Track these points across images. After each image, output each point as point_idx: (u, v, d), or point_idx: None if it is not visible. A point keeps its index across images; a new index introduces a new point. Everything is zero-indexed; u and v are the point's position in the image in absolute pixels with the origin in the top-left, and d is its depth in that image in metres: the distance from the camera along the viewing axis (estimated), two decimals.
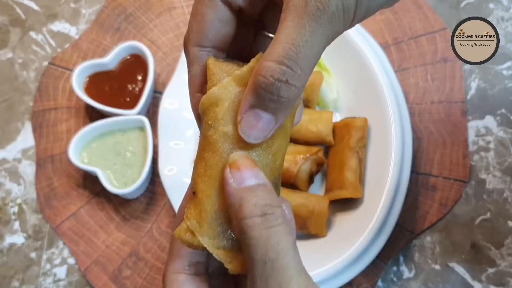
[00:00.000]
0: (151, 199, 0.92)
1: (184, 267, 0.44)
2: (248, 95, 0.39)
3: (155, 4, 1.02)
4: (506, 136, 0.89)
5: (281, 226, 0.38)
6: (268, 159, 0.41)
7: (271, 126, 0.39)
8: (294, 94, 0.37)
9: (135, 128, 0.92)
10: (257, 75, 0.37)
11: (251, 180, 0.39)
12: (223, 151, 0.40)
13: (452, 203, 0.88)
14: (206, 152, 0.40)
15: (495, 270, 0.85)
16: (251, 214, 0.38)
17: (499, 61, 0.93)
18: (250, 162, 0.40)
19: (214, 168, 0.40)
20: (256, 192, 0.39)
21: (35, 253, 0.91)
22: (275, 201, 0.39)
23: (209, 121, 0.40)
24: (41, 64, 1.00)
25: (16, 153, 0.95)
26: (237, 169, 0.39)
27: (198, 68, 0.43)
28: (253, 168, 0.39)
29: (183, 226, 0.40)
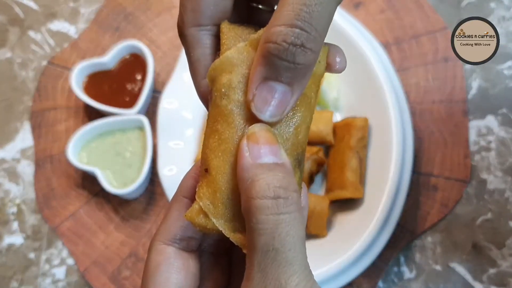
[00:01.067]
0: (150, 199, 0.92)
1: (175, 240, 0.40)
2: (258, 67, 0.35)
3: (155, 4, 1.01)
4: (507, 136, 0.89)
5: (294, 214, 0.34)
6: (289, 133, 0.37)
7: (288, 99, 0.35)
8: (311, 59, 0.34)
9: (135, 128, 0.91)
10: (267, 42, 0.33)
11: (269, 157, 0.35)
12: (239, 123, 0.36)
13: (453, 203, 0.87)
14: (220, 123, 0.36)
15: (496, 270, 0.84)
16: (262, 194, 0.34)
17: (500, 60, 0.92)
18: (271, 136, 0.35)
19: (229, 142, 0.36)
20: (273, 171, 0.35)
21: (34, 253, 0.91)
22: (291, 185, 0.35)
23: (222, 89, 0.36)
24: (40, 64, 0.99)
25: (15, 153, 0.95)
26: (255, 142, 0.35)
27: (201, 50, 0.39)
28: (273, 144, 0.35)
29: (195, 207, 0.37)
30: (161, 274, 0.39)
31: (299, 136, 0.38)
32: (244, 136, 0.36)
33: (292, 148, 0.37)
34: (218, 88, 0.37)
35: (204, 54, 0.39)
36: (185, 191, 0.40)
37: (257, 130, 0.35)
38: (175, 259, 0.39)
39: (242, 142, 0.35)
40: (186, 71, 0.91)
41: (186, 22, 0.38)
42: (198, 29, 0.38)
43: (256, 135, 0.35)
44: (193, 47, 0.39)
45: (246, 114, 0.36)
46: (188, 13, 0.38)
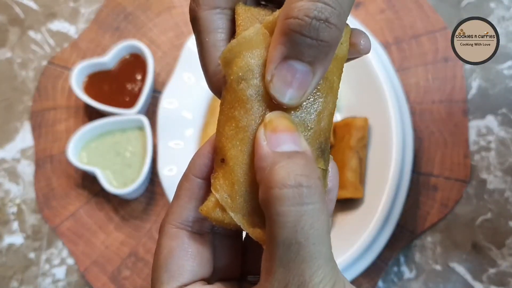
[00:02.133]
0: (150, 199, 0.92)
1: (188, 222, 0.37)
2: (277, 45, 0.32)
3: (155, 4, 1.01)
4: (507, 136, 0.89)
5: (318, 205, 0.31)
6: (311, 120, 0.35)
7: (309, 80, 0.33)
8: (335, 36, 0.31)
9: (135, 128, 0.91)
10: (288, 18, 0.31)
11: (289, 145, 0.32)
12: (259, 109, 0.34)
13: (453, 203, 0.87)
14: (237, 110, 0.34)
15: (496, 270, 0.84)
16: (282, 182, 0.31)
17: (500, 60, 0.92)
18: (290, 124, 0.33)
19: (248, 130, 0.34)
20: (293, 159, 0.32)
21: (34, 253, 0.91)
22: (314, 173, 0.32)
23: (239, 73, 0.34)
24: (40, 64, 0.99)
25: (15, 153, 0.95)
26: (273, 130, 0.32)
27: (217, 35, 0.36)
28: (293, 132, 0.33)
29: (211, 200, 0.35)
30: (175, 261, 0.37)
31: (321, 123, 0.35)
32: (261, 125, 0.33)
33: (314, 136, 0.35)
34: (235, 72, 0.34)
35: (220, 39, 0.36)
36: (197, 170, 0.38)
37: (274, 118, 0.33)
38: (189, 244, 0.37)
39: (259, 130, 0.33)
40: (186, 71, 0.92)
41: (201, 4, 0.35)
42: (214, 11, 0.36)
43: (274, 123, 0.33)
44: (208, 32, 0.36)
45: (266, 99, 0.34)
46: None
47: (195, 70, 0.92)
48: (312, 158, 0.33)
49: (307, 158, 0.32)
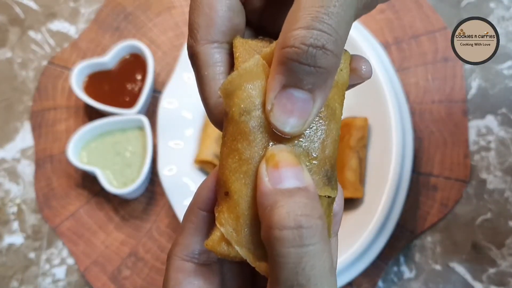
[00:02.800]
0: (150, 199, 0.92)
1: (194, 255, 0.37)
2: (275, 75, 0.32)
3: (155, 4, 1.01)
4: (507, 136, 0.89)
5: (319, 245, 0.30)
6: (314, 148, 0.34)
7: (309, 107, 0.32)
8: (333, 63, 0.31)
9: (135, 128, 0.91)
10: (284, 47, 0.31)
11: (290, 181, 0.32)
12: (262, 141, 0.33)
13: (453, 203, 0.87)
14: (239, 142, 0.33)
15: (496, 270, 0.84)
16: (282, 223, 0.30)
17: (500, 60, 0.92)
18: (291, 158, 0.33)
19: (251, 163, 0.33)
20: (294, 197, 0.31)
21: (34, 253, 0.91)
22: (316, 211, 0.31)
23: (241, 104, 0.33)
24: (40, 64, 0.99)
25: (15, 153, 0.95)
26: (274, 166, 0.32)
27: (216, 69, 0.36)
28: (295, 166, 0.32)
29: (217, 234, 0.34)
30: (182, 281, 0.37)
31: (325, 150, 0.34)
32: (263, 159, 0.33)
33: (319, 164, 0.34)
34: (236, 103, 0.34)
35: (219, 73, 0.36)
36: (201, 203, 0.37)
37: (276, 152, 0.33)
38: (195, 277, 0.37)
39: (261, 165, 0.33)
40: (186, 71, 0.92)
41: (199, 40, 0.36)
42: (212, 46, 0.36)
43: (276, 158, 0.32)
44: (207, 66, 0.36)
45: (269, 130, 0.33)
46: (202, 29, 0.36)
47: None
48: (315, 193, 0.33)
49: (308, 195, 0.32)
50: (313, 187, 0.33)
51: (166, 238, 0.90)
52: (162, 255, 0.89)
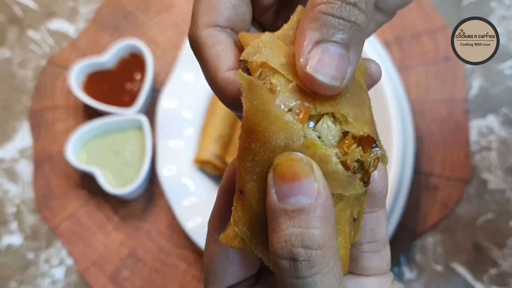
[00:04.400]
0: (150, 199, 0.92)
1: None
2: (307, 31, 0.30)
3: (154, 3, 1.01)
4: (508, 135, 0.89)
5: (317, 276, 0.29)
6: (356, 112, 0.33)
7: (346, 64, 0.31)
8: (365, 22, 0.31)
9: (134, 128, 0.91)
10: (317, 4, 0.30)
11: (295, 198, 0.29)
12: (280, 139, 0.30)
13: (453, 203, 0.87)
14: (253, 142, 0.31)
15: (497, 270, 0.84)
16: (279, 253, 0.29)
17: (500, 60, 0.92)
18: (298, 170, 0.30)
19: (266, 165, 0.31)
20: (295, 221, 0.29)
21: (33, 253, 0.90)
22: (317, 239, 0.29)
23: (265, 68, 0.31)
24: (39, 63, 0.99)
25: (14, 153, 0.95)
26: (280, 178, 0.30)
27: (221, 47, 0.34)
28: (301, 181, 0.29)
29: (231, 232, 0.33)
30: (218, 265, 0.36)
31: (365, 114, 0.33)
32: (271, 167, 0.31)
33: (367, 122, 0.33)
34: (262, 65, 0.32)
35: (224, 50, 0.34)
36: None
37: (283, 160, 0.30)
38: (230, 250, 0.36)
39: (269, 173, 0.30)
40: (185, 71, 0.91)
41: (199, 25, 0.35)
42: (214, 29, 0.35)
43: (282, 168, 0.30)
44: (209, 46, 0.35)
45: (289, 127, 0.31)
46: (203, 16, 0.35)
47: (195, 70, 0.91)
48: (324, 207, 0.30)
49: (312, 217, 0.29)
50: (324, 199, 0.30)
51: (166, 238, 0.90)
52: (162, 256, 0.89)
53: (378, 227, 0.37)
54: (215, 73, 0.34)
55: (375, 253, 0.37)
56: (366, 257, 0.37)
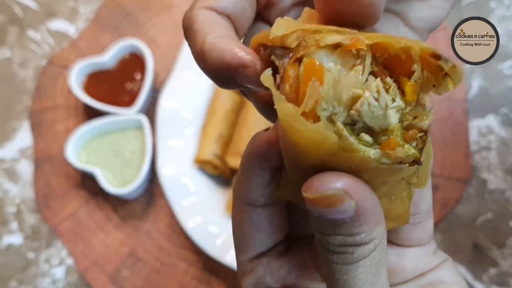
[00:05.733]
0: (150, 199, 0.92)
1: (254, 201, 0.35)
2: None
3: (154, 3, 1.01)
4: (507, 135, 0.89)
5: (361, 264, 0.30)
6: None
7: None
8: None
9: (134, 128, 0.91)
10: None
11: (331, 216, 0.29)
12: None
13: (453, 203, 0.87)
14: (287, 147, 0.30)
15: (496, 270, 0.84)
16: (323, 246, 0.30)
17: (500, 60, 0.92)
18: (334, 201, 0.29)
19: (302, 167, 0.30)
20: (335, 230, 0.29)
21: (34, 253, 0.90)
22: (360, 240, 0.30)
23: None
24: (39, 63, 0.99)
25: (15, 153, 0.95)
26: (315, 205, 0.29)
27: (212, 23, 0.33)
28: (338, 207, 0.29)
29: (283, 189, 0.34)
30: (245, 233, 0.36)
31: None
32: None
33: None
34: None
35: (217, 24, 0.33)
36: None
37: (315, 195, 0.29)
38: (256, 219, 0.36)
39: (302, 192, 0.29)
40: (185, 70, 0.91)
41: (196, 6, 0.34)
42: (211, 11, 0.33)
43: (314, 199, 0.29)
44: (202, 21, 0.33)
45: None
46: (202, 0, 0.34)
47: (195, 69, 0.91)
48: (364, 215, 0.29)
49: (349, 227, 0.29)
50: (364, 208, 0.29)
51: (166, 238, 0.90)
52: (162, 255, 0.89)
53: (421, 200, 0.36)
54: (202, 42, 0.33)
55: (416, 225, 0.37)
56: (408, 229, 0.37)
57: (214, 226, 0.85)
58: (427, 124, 0.30)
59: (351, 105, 0.28)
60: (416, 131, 0.30)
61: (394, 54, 0.29)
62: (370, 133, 0.29)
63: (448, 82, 0.30)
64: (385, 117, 0.29)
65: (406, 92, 0.30)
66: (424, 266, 0.38)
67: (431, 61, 0.30)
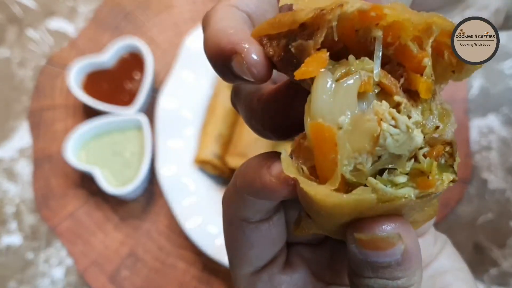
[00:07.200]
0: (150, 199, 0.91)
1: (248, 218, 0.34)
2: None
3: (154, 3, 1.01)
4: (508, 135, 0.89)
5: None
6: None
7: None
8: None
9: (134, 128, 0.91)
10: None
11: (378, 259, 0.29)
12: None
13: (454, 203, 0.87)
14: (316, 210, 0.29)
15: (497, 270, 0.84)
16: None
17: (501, 60, 0.92)
18: (385, 245, 0.29)
19: (334, 224, 0.30)
20: (377, 273, 0.29)
21: (33, 253, 0.90)
22: (400, 285, 0.29)
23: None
24: (38, 63, 0.99)
25: (14, 153, 0.95)
26: (364, 247, 0.29)
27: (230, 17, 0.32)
28: (388, 250, 0.29)
29: (304, 227, 0.33)
30: (238, 249, 0.35)
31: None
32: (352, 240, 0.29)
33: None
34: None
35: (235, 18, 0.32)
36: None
37: (364, 237, 0.29)
38: (249, 235, 0.34)
39: (348, 232, 0.29)
40: (184, 70, 0.91)
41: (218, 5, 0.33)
42: (231, 7, 0.32)
43: (365, 242, 0.29)
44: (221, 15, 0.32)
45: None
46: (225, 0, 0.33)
47: (194, 69, 0.91)
48: (410, 261, 0.29)
49: (393, 271, 0.29)
50: (410, 253, 0.29)
51: (165, 238, 0.89)
52: (161, 255, 0.89)
53: None
54: (211, 29, 0.32)
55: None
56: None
57: (214, 227, 0.85)
58: (450, 134, 0.29)
59: (373, 144, 0.27)
60: (441, 146, 0.29)
61: (404, 45, 0.28)
62: (396, 162, 0.28)
63: (465, 67, 0.29)
64: (411, 139, 0.28)
65: (420, 90, 0.29)
66: (427, 257, 0.37)
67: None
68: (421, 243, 0.35)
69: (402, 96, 0.28)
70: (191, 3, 1.01)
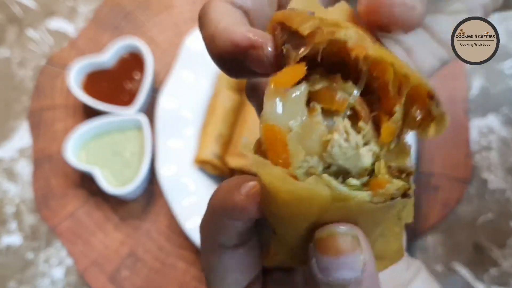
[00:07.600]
0: (150, 199, 0.91)
1: (225, 241, 0.34)
2: None
3: (154, 3, 1.01)
4: (508, 135, 0.89)
5: None
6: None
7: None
8: None
9: (134, 128, 0.91)
10: None
11: (338, 273, 0.27)
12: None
13: (454, 203, 0.87)
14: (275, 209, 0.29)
15: (497, 270, 0.84)
16: None
17: (501, 59, 0.92)
18: (345, 246, 0.28)
19: (296, 227, 0.30)
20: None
21: (33, 253, 0.90)
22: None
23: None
24: (38, 63, 0.99)
25: (14, 153, 0.95)
26: (322, 253, 0.28)
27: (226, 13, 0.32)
28: (348, 255, 0.27)
29: (271, 258, 0.33)
30: (215, 274, 0.35)
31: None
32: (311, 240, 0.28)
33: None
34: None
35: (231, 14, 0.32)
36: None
37: (325, 236, 0.28)
38: (227, 260, 0.35)
39: (310, 244, 0.28)
40: (185, 69, 0.91)
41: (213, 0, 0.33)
42: (227, 3, 0.32)
43: (324, 243, 0.28)
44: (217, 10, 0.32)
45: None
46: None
47: (194, 69, 0.91)
48: (371, 279, 0.28)
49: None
50: (370, 271, 0.28)
51: (165, 238, 0.89)
52: (161, 255, 0.89)
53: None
54: (213, 27, 0.31)
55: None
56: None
57: None
58: (410, 166, 0.29)
59: (322, 149, 0.28)
60: (397, 172, 0.29)
61: (386, 83, 0.29)
62: (348, 176, 0.28)
63: (431, 127, 0.29)
64: (358, 156, 0.28)
65: (381, 132, 0.29)
66: (400, 283, 0.37)
67: (426, 100, 0.29)
68: (392, 269, 0.35)
69: (368, 125, 0.29)
70: (191, 3, 1.01)
